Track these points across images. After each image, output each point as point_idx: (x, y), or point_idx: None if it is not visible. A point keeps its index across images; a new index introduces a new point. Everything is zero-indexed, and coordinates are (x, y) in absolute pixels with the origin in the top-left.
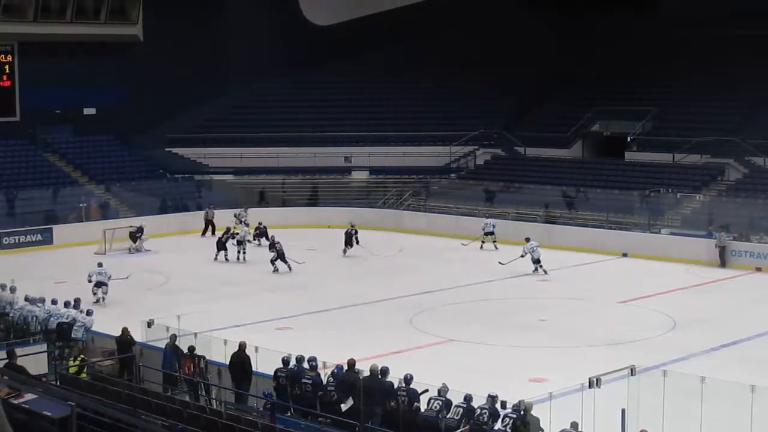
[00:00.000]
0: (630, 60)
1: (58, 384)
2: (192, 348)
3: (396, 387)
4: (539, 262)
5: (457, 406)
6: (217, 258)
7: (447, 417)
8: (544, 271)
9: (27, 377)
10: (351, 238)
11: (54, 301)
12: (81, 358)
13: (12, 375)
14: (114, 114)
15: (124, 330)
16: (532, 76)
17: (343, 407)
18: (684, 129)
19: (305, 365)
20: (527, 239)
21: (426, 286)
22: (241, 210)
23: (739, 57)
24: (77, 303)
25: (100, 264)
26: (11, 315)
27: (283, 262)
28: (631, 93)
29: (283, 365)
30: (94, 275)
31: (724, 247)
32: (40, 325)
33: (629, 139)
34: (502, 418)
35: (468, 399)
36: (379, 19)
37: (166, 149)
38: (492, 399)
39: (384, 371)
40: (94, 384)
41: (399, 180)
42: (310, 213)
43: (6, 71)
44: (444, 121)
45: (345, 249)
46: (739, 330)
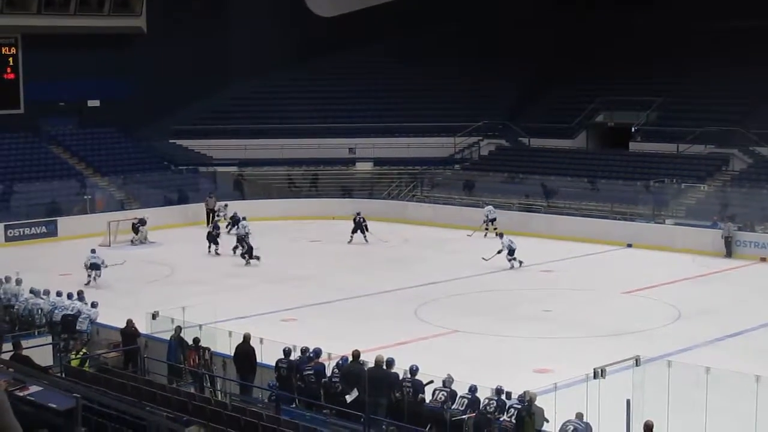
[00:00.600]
0: (634, 50)
1: (63, 376)
2: (197, 340)
3: (401, 378)
4: (514, 253)
5: (462, 396)
6: (210, 251)
7: (452, 408)
8: (519, 262)
9: (32, 369)
10: (360, 226)
11: (59, 293)
12: (83, 352)
13: (17, 367)
14: (118, 106)
15: (128, 322)
16: (536, 66)
17: (348, 398)
18: (688, 119)
19: (310, 356)
20: (501, 234)
21: (431, 277)
22: (222, 205)
23: (744, 47)
24: (81, 295)
25: (93, 250)
26: (16, 307)
27: (249, 257)
28: (636, 83)
29: (285, 356)
30: (88, 260)
31: (730, 238)
32: (45, 318)
33: (634, 130)
34: (507, 408)
35: (473, 390)
36: (383, 11)
37: (170, 141)
38: (498, 392)
39: (389, 362)
40: (99, 376)
41: (403, 171)
42: (314, 204)
43: (10, 64)
44: (448, 112)
45: (351, 237)
46: (744, 320)
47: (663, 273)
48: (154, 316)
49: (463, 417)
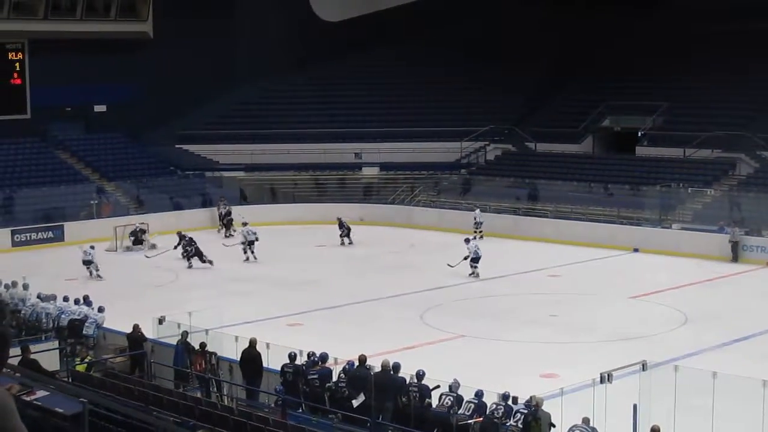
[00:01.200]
0: (641, 55)
1: (70, 381)
2: (203, 344)
3: (407, 383)
4: (478, 261)
5: (469, 401)
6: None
7: (458, 413)
8: (477, 274)
9: (39, 374)
10: (342, 227)
11: (66, 298)
12: (88, 358)
13: (24, 372)
14: (124, 111)
15: (135, 327)
16: (542, 71)
17: (355, 403)
18: (695, 124)
19: (315, 360)
20: (467, 240)
21: (437, 281)
22: (226, 210)
23: (751, 51)
24: (88, 300)
25: (92, 246)
26: (23, 312)
27: (200, 260)
28: (642, 88)
29: (290, 361)
30: (81, 255)
31: (737, 242)
32: (52, 322)
33: (640, 134)
34: (513, 413)
35: (479, 395)
36: (389, 16)
37: (176, 146)
38: (505, 397)
39: (395, 367)
40: (105, 381)
41: (409, 176)
42: (319, 209)
43: (17, 69)
44: (454, 117)
45: (342, 240)
46: (751, 325)
47: (669, 278)
48: (160, 321)
49: (470, 422)
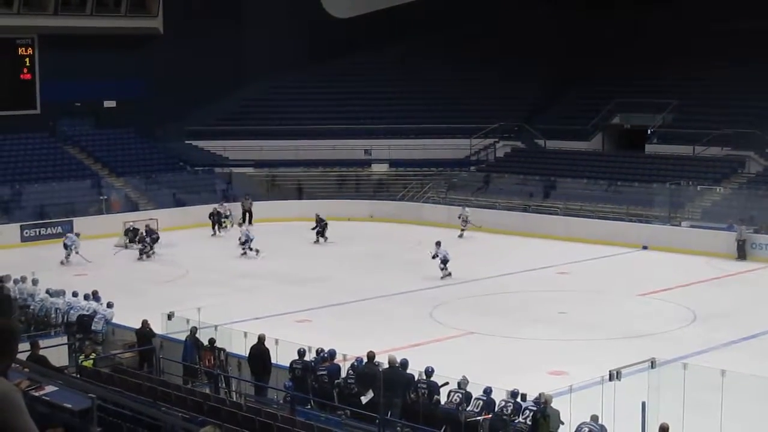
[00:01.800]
0: (650, 52)
1: (78, 376)
2: (212, 340)
3: (416, 379)
4: (446, 263)
5: (477, 398)
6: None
7: (467, 409)
8: (449, 274)
9: (48, 369)
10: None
11: (74, 294)
12: (93, 355)
13: (33, 367)
14: (134, 107)
15: (144, 322)
16: (552, 68)
17: (364, 399)
18: (704, 121)
19: (324, 356)
20: (438, 243)
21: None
22: (227, 207)
23: (761, 49)
24: (97, 295)
25: (76, 234)
26: (32, 307)
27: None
28: (652, 85)
29: (299, 357)
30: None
31: (744, 240)
32: (61, 317)
33: (650, 132)
34: (522, 410)
35: (488, 392)
36: (399, 12)
37: (186, 142)
38: (514, 394)
39: (403, 363)
40: (114, 376)
41: (419, 172)
42: (329, 205)
43: (27, 64)
44: (464, 114)
45: (318, 237)
46: (760, 323)
47: (678, 275)
48: (169, 316)
49: (479, 419)
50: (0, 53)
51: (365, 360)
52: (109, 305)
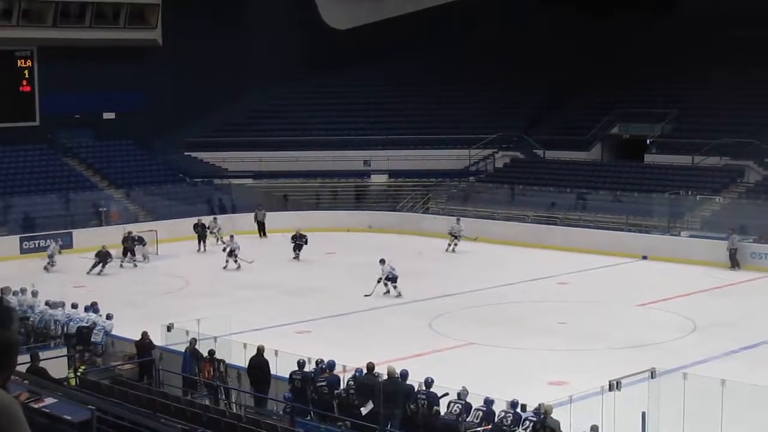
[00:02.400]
0: (649, 62)
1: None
2: (212, 351)
3: (416, 390)
4: (396, 281)
5: (477, 409)
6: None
7: (467, 420)
8: (398, 293)
9: (48, 381)
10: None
11: (74, 305)
12: (82, 369)
13: (33, 379)
14: (133, 118)
15: (143, 334)
16: (551, 78)
17: (363, 411)
18: (703, 131)
19: (323, 368)
20: (382, 261)
21: (445, 289)
22: (211, 219)
23: (759, 58)
24: (96, 307)
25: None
26: (32, 319)
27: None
28: (651, 95)
29: (299, 368)
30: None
31: (735, 249)
32: (60, 329)
33: (649, 142)
34: (522, 421)
35: (488, 402)
36: (399, 23)
37: (185, 153)
38: (514, 404)
39: (403, 374)
40: (113, 388)
41: (418, 183)
42: (329, 216)
43: (26, 76)
44: (463, 125)
45: (296, 252)
46: (760, 332)
47: (678, 285)
48: (169, 328)
49: (479, 430)
50: None
51: (365, 371)
52: (109, 317)
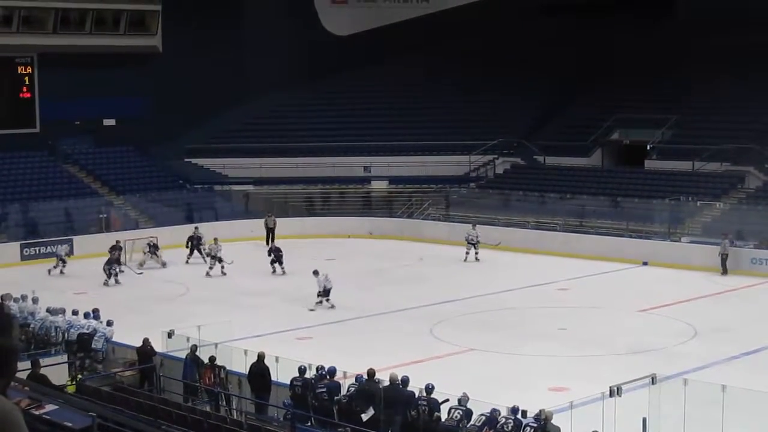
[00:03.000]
0: (649, 68)
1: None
2: (213, 358)
3: (417, 396)
4: (329, 293)
5: (480, 415)
6: (275, 271)
7: (468, 426)
8: (331, 305)
9: (48, 388)
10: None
11: (75, 312)
12: (78, 378)
13: (33, 386)
14: (133, 125)
15: (145, 340)
16: (551, 84)
17: (364, 417)
18: (704, 137)
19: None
20: (315, 272)
21: (446, 295)
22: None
23: (760, 64)
24: (97, 313)
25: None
26: (32, 325)
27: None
28: (651, 101)
29: (300, 374)
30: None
31: (726, 255)
32: (61, 336)
33: (649, 148)
34: (523, 427)
35: (494, 411)
36: (398, 29)
37: (185, 160)
38: (514, 410)
39: (404, 380)
40: (114, 394)
41: (418, 189)
42: (329, 223)
43: (26, 83)
44: (463, 131)
45: (273, 266)
46: (761, 338)
47: (679, 291)
48: (169, 334)
49: None
50: None
51: (365, 377)
52: (109, 323)
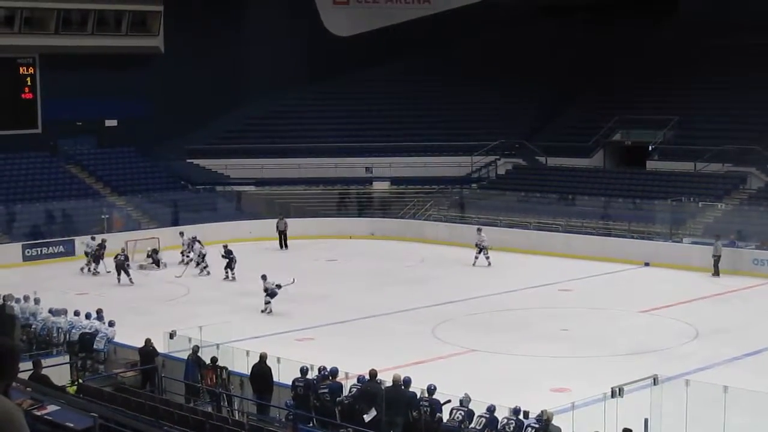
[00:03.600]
0: (651, 69)
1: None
2: (214, 359)
3: (419, 397)
4: (274, 296)
5: (480, 416)
6: (119, 280)
7: (469, 427)
8: (269, 311)
9: (50, 389)
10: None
11: (76, 313)
12: (79, 381)
13: (35, 386)
14: (135, 125)
15: (147, 341)
16: (553, 85)
17: (367, 418)
18: (705, 138)
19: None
20: (263, 276)
21: (448, 296)
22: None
23: (761, 65)
24: (100, 314)
25: (92, 237)
26: (34, 326)
27: (125, 274)
28: (653, 102)
29: (302, 375)
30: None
31: (719, 256)
32: (63, 337)
33: (651, 148)
34: (524, 427)
35: (491, 409)
36: (399, 30)
37: (187, 160)
38: (516, 411)
39: (406, 381)
40: (116, 395)
41: (420, 190)
42: (331, 223)
43: (28, 83)
44: (465, 131)
45: (227, 272)
46: (762, 339)
47: (680, 292)
48: (171, 335)
49: None
50: (1, 72)
51: (367, 378)
52: (111, 324)
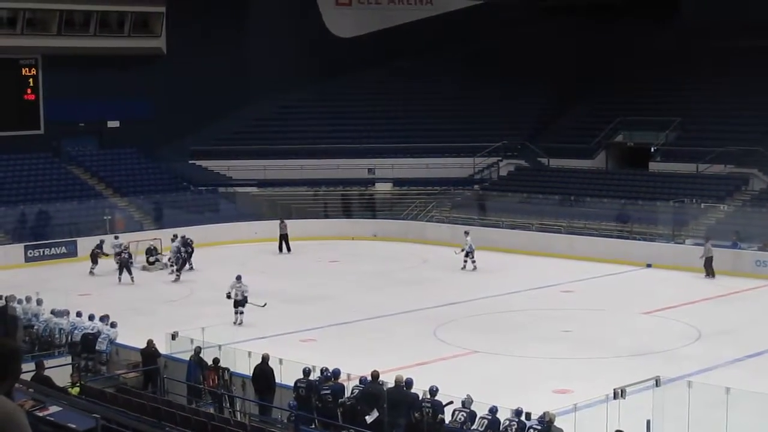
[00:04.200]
0: (653, 70)
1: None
2: (216, 360)
3: (420, 399)
4: (244, 304)
5: (482, 417)
6: (93, 272)
7: (471, 428)
8: (240, 312)
9: (52, 390)
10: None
11: (79, 314)
12: (80, 383)
13: (37, 387)
14: (138, 127)
15: (149, 342)
16: (555, 86)
17: (369, 419)
18: (708, 139)
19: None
20: (238, 278)
21: (450, 297)
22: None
23: (763, 66)
24: (106, 320)
25: (116, 237)
26: (36, 327)
27: (128, 273)
28: (655, 103)
29: (303, 376)
30: (111, 246)
31: (710, 258)
32: (65, 338)
33: (653, 150)
34: (527, 429)
35: (493, 411)
36: (402, 31)
37: (189, 162)
38: (518, 413)
39: (408, 383)
40: (118, 396)
41: (422, 191)
42: (333, 225)
43: (30, 84)
44: (467, 133)
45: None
46: (764, 340)
47: (682, 293)
48: (173, 336)
49: None
50: (4, 73)
51: (369, 379)
52: (113, 325)
